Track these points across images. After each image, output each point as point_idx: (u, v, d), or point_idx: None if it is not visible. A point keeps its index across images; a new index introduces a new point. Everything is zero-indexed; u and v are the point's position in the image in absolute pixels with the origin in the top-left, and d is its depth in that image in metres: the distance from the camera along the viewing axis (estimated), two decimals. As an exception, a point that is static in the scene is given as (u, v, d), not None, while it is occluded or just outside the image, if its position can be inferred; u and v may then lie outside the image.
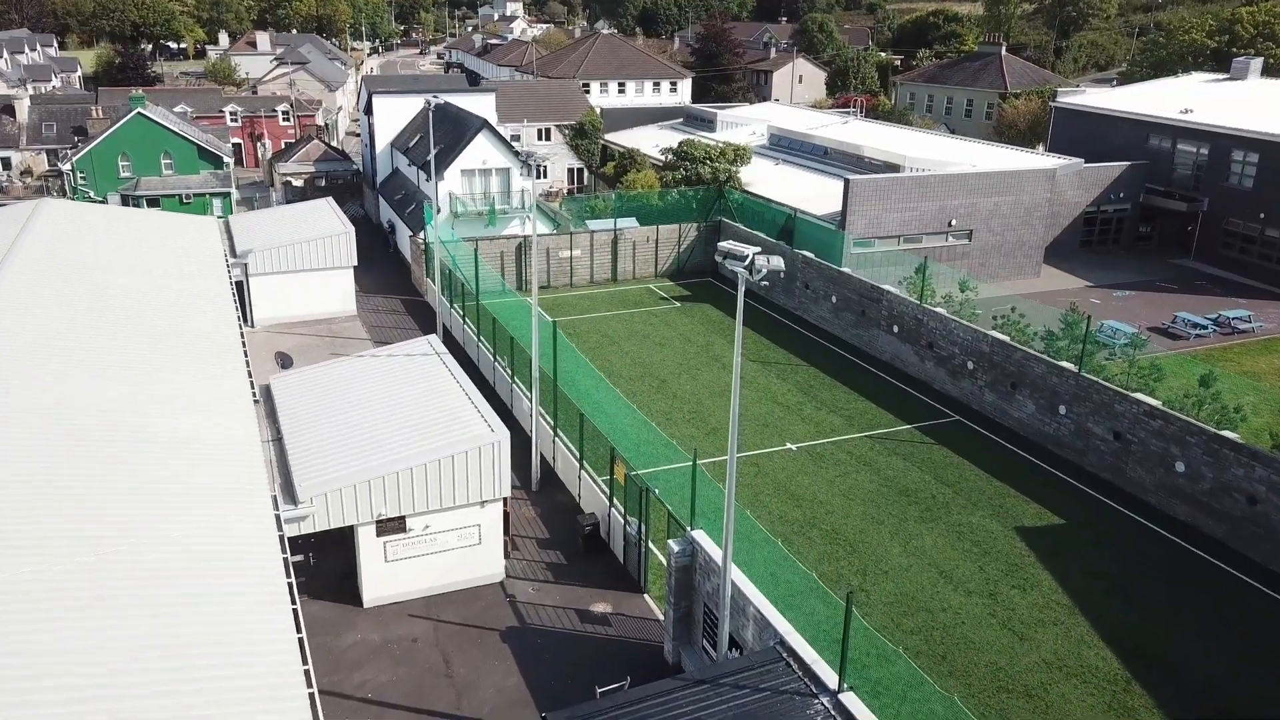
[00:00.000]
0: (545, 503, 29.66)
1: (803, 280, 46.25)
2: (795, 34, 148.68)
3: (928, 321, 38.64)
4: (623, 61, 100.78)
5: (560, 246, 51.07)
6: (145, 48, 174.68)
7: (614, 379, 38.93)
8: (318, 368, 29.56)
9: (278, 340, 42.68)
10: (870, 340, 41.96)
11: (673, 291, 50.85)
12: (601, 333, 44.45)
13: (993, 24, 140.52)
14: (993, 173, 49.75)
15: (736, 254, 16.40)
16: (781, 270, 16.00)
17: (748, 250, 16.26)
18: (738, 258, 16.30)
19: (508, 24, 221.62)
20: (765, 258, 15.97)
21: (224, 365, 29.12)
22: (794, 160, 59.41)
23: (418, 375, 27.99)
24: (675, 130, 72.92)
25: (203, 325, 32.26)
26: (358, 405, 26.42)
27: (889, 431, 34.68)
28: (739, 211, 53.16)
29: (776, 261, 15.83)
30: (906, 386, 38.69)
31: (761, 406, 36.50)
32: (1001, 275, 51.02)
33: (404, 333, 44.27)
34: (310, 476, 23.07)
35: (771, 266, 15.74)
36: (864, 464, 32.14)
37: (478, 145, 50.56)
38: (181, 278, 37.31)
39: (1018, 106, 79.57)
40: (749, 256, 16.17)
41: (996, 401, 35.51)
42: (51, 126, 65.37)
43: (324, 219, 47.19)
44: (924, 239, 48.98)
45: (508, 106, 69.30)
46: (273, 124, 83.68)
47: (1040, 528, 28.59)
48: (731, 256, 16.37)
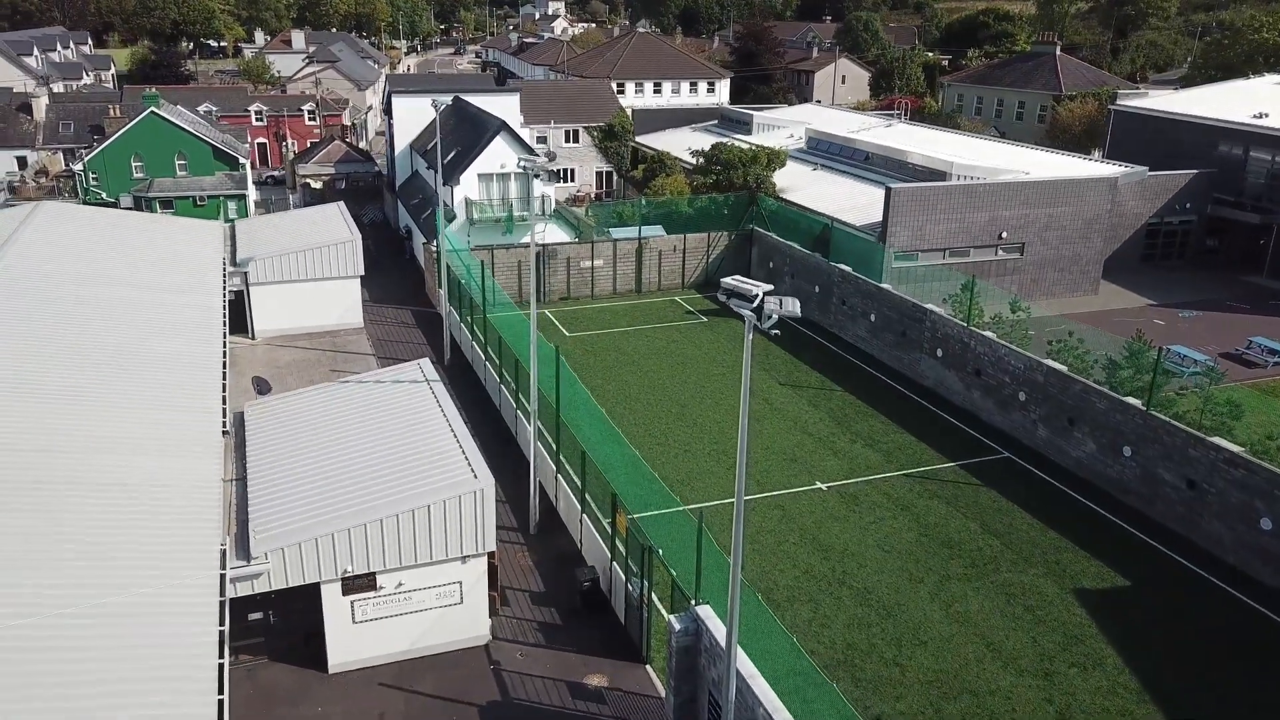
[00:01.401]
0: (543, 549, 26.75)
1: (839, 296, 42.93)
2: (839, 33, 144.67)
3: (975, 346, 35.19)
4: (659, 61, 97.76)
5: (581, 256, 48.20)
6: (186, 46, 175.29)
7: (630, 403, 35.96)
8: (296, 395, 26.92)
9: (277, 354, 40.28)
10: (911, 364, 38.57)
11: (699, 305, 47.75)
12: (620, 350, 41.48)
13: (1045, 23, 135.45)
14: (1048, 181, 46.02)
15: (742, 293, 13.33)
16: (796, 314, 12.90)
17: (755, 288, 13.18)
18: (744, 298, 13.23)
19: (549, 23, 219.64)
20: (777, 300, 12.88)
21: (196, 391, 26.58)
22: (833, 165, 56.02)
23: (403, 407, 25.23)
24: (709, 133, 69.79)
25: (181, 345, 29.79)
26: (332, 441, 23.70)
27: (930, 470, 31.31)
28: (772, 220, 49.92)
29: (791, 305, 12.75)
30: (950, 417, 35.28)
31: (790, 438, 33.31)
32: (1056, 292, 47.29)
33: (411, 348, 41.68)
34: (267, 527, 20.36)
35: (785, 311, 12.67)
36: (902, 508, 28.84)
37: (495, 148, 47.86)
38: (171, 290, 34.97)
39: (1073, 109, 75.34)
40: (757, 297, 13.10)
41: (1051, 438, 32.00)
42: (69, 125, 63.90)
43: (332, 225, 44.74)
44: (971, 253, 45.40)
45: (534, 107, 66.61)
46: (298, 123, 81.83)
47: (1102, 590, 25.12)
48: (736, 296, 13.31)
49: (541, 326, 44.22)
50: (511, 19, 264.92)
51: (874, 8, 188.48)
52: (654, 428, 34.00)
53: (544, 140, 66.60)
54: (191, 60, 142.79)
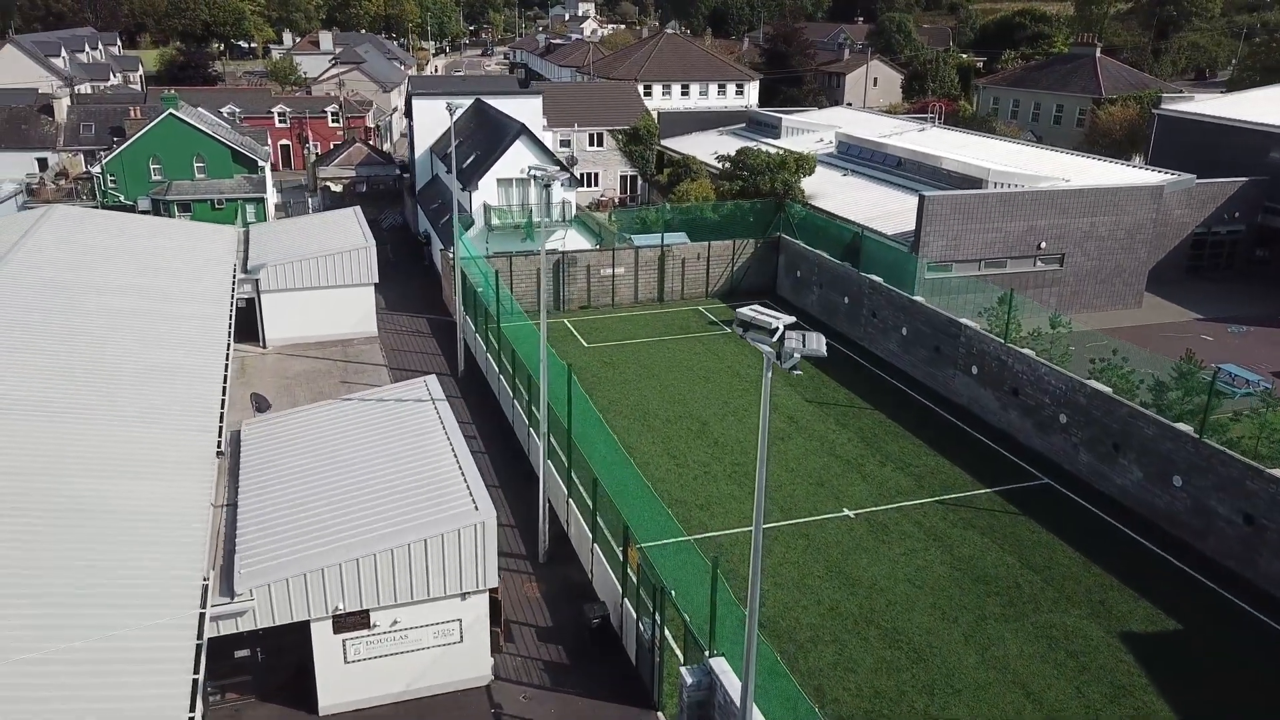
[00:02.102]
0: (552, 578, 25.32)
1: (869, 308, 41.19)
2: (871, 34, 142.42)
3: (1012, 364, 33.38)
4: (687, 62, 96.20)
5: (602, 263, 46.78)
6: (217, 47, 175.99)
7: (648, 419, 34.46)
8: (295, 414, 25.67)
9: (288, 364, 39.17)
10: (945, 381, 36.79)
11: (724, 315, 46.13)
12: (640, 362, 39.99)
13: (1083, 24, 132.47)
14: (1090, 189, 44.00)
15: (760, 326, 11.79)
16: (821, 353, 11.36)
17: (774, 320, 11.61)
18: (763, 331, 11.69)
19: (578, 24, 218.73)
20: (799, 335, 11.33)
21: (193, 408, 25.41)
22: (864, 171, 54.22)
23: (405, 428, 23.90)
24: (736, 136, 68.18)
25: (181, 357, 28.68)
26: (330, 464, 22.42)
27: (965, 496, 29.56)
28: (800, 227, 48.25)
29: (815, 342, 11.19)
30: (986, 439, 33.47)
31: (816, 460, 31.67)
32: (1097, 305, 45.26)
33: (424, 359, 40.46)
34: (253, 561, 19.07)
35: (809, 350, 11.12)
36: (935, 539, 27.13)
37: (515, 152, 46.52)
38: (176, 298, 33.93)
39: (1114, 113, 72.94)
40: (777, 329, 11.56)
41: (1094, 464, 30.14)
42: (90, 127, 63.42)
43: (347, 231, 43.63)
44: (1008, 264, 43.48)
45: (558, 110, 65.32)
46: (321, 125, 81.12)
47: (1152, 635, 23.31)
48: (754, 329, 11.78)
49: (560, 337, 43.00)
50: (541, 20, 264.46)
51: (907, 9, 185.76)
52: (673, 446, 32.49)
53: (567, 144, 65.31)
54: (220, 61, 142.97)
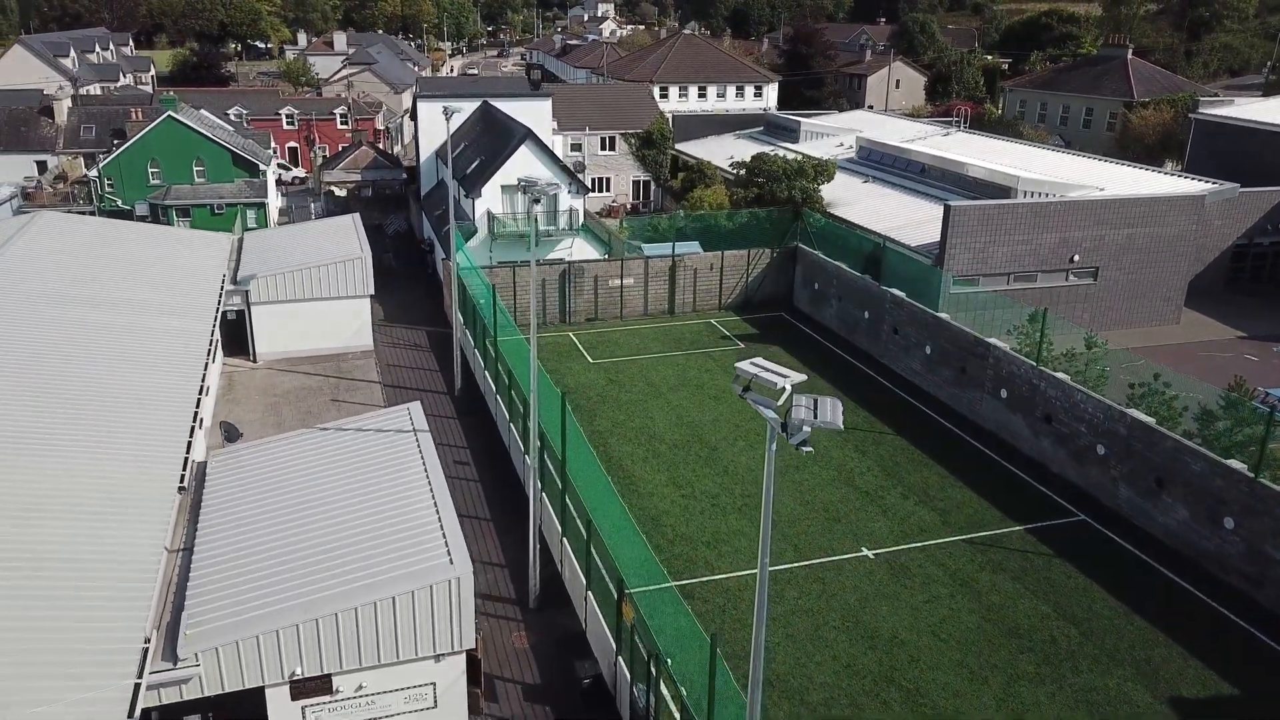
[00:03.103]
0: (542, 627, 23.27)
1: (890, 324, 38.92)
2: (893, 35, 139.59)
3: (1045, 389, 31.04)
4: (704, 64, 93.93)
5: (610, 274, 44.72)
6: (234, 47, 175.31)
7: (654, 444, 32.35)
8: (266, 445, 23.73)
9: (277, 380, 37.31)
10: (971, 404, 34.49)
11: (737, 328, 43.99)
12: (648, 380, 37.88)
13: (1112, 25, 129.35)
14: (1127, 199, 41.53)
15: (766, 382, 9.70)
16: (838, 425, 9.23)
17: (780, 379, 9.52)
18: (768, 393, 9.58)
19: (597, 25, 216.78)
20: (810, 402, 9.18)
21: (157, 436, 23.50)
22: (886, 178, 51.90)
23: (382, 464, 21.91)
24: (753, 140, 65.97)
25: (155, 378, 26.81)
26: (297, 505, 20.45)
27: (995, 535, 27.27)
28: (818, 237, 46.00)
29: (830, 412, 9.08)
30: (1016, 469, 31.15)
31: (833, 491, 29.45)
32: (1133, 321, 42.79)
33: (421, 375, 38.53)
34: (201, 621, 17.12)
35: (823, 422, 9.00)
36: (961, 584, 24.88)
37: (520, 158, 44.56)
38: (156, 311, 32.12)
39: (1146, 117, 70.19)
40: (783, 392, 9.43)
41: (1135, 499, 27.79)
42: (91, 129, 61.95)
43: (342, 239, 41.77)
44: (1039, 277, 41.09)
45: (569, 113, 63.33)
46: (329, 127, 79.50)
47: (1206, 700, 20.99)
48: (758, 390, 9.67)
49: (564, 352, 40.97)
50: (560, 21, 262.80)
51: (930, 9, 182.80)
52: (680, 474, 30.36)
53: (578, 148, 63.32)
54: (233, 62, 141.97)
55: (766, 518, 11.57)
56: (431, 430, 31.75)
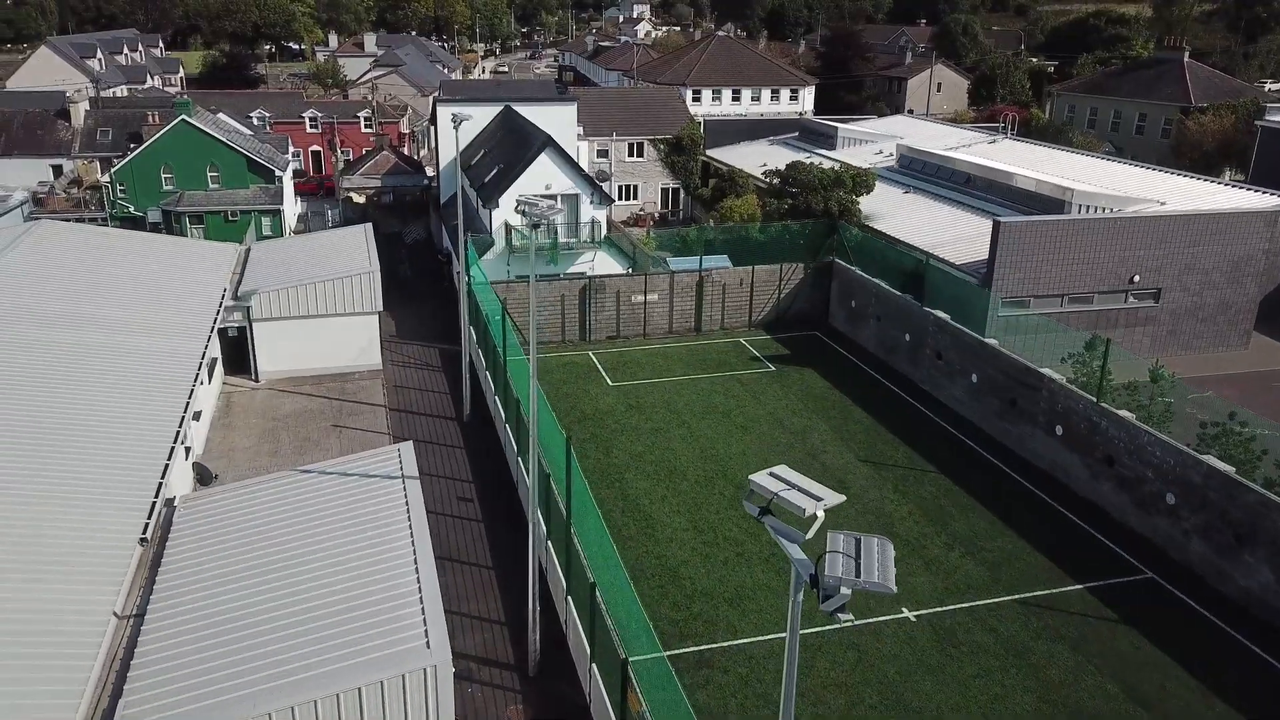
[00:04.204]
0: (543, 699, 20.84)
1: (933, 348, 36.11)
2: (934, 37, 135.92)
3: (1106, 427, 28.13)
4: (738, 66, 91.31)
5: (634, 289, 42.25)
6: (268, 49, 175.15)
7: (675, 480, 29.83)
8: (240, 490, 21.51)
9: (279, 402, 35.26)
10: (1021, 440, 31.61)
11: (768, 349, 41.35)
12: (671, 406, 35.37)
13: (1163, 26, 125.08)
14: (1193, 215, 38.39)
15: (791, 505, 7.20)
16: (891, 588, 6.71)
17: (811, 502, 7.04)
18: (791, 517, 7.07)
19: (633, 26, 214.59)
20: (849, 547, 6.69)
21: (125, 477, 21.39)
22: (928, 189, 48.99)
23: (364, 518, 19.62)
24: (787, 147, 63.24)
25: (132, 405, 24.77)
26: (263, 566, 18.21)
27: (1051, 594, 24.45)
28: (855, 251, 43.25)
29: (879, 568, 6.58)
30: (1073, 514, 28.25)
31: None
32: (1197, 346, 39.65)
33: (430, 398, 36.30)
34: (142, 710, 14.87)
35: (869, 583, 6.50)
36: (1015, 654, 22.13)
37: (540, 167, 42.27)
38: (146, 330, 30.16)
39: (1204, 123, 66.54)
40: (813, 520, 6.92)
41: (1210, 556, 24.85)
42: (107, 133, 60.62)
43: (352, 252, 39.73)
44: (1096, 299, 38.09)
45: (595, 118, 61.01)
46: (353, 131, 77.81)
47: (1303, 809, 18.13)
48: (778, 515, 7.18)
49: (582, 373, 38.56)
50: (595, 22, 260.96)
51: (972, 10, 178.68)
52: (701, 516, 27.81)
53: (605, 155, 60.99)
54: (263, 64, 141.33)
55: (789, 697, 9.04)
56: (435, 461, 29.55)
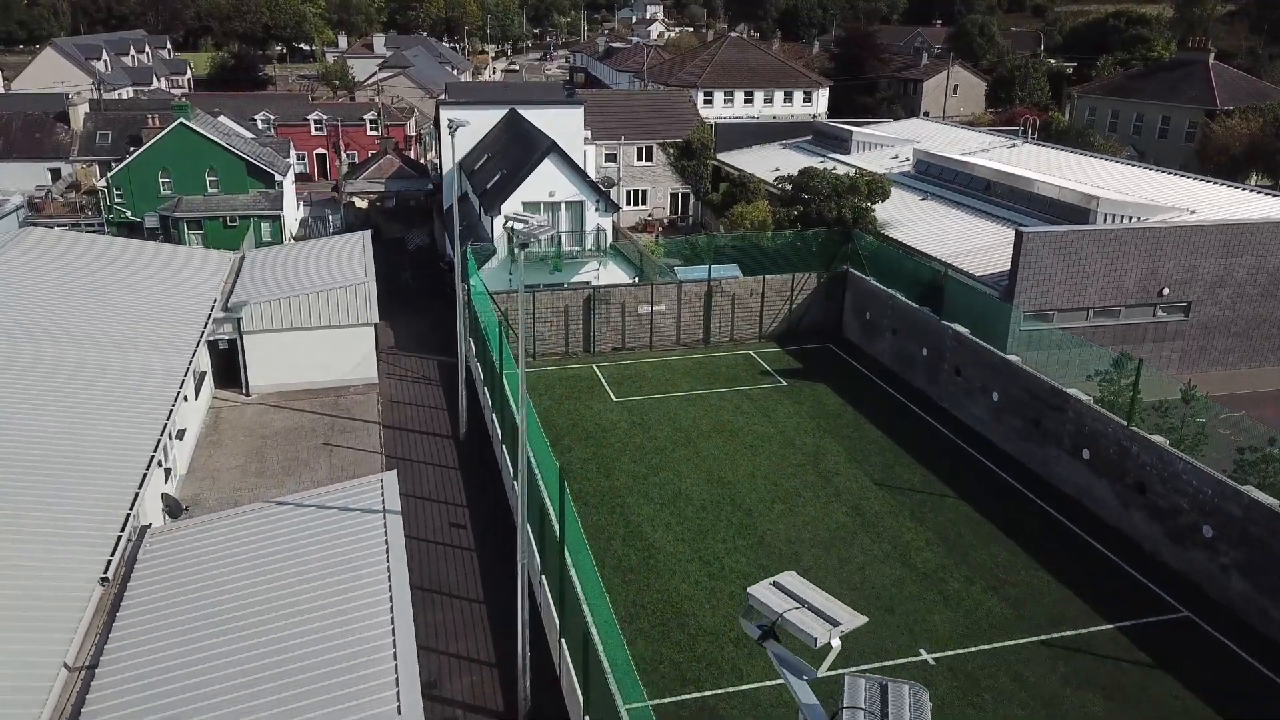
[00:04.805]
0: (533, 753, 19.41)
1: (952, 363, 34.51)
2: (950, 38, 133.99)
3: (1137, 452, 26.48)
4: (751, 68, 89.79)
5: (640, 300, 40.77)
6: (279, 50, 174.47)
7: (679, 505, 28.33)
8: (210, 525, 20.11)
9: (269, 418, 33.93)
10: (1046, 463, 29.97)
11: (779, 362, 39.81)
12: (676, 423, 33.87)
13: (1184, 26, 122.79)
14: (1225, 224, 36.64)
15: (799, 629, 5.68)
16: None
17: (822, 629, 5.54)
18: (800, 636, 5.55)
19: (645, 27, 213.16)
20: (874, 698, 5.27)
21: (89, 511, 20.03)
22: (946, 195, 47.36)
23: (340, 559, 18.20)
24: (800, 151, 61.66)
25: (104, 429, 23.44)
26: (229, 611, 16.82)
27: (1080, 635, 22.83)
28: (870, 261, 41.63)
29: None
30: (1102, 545, 26.60)
31: (886, 571, 25.20)
32: (1227, 362, 37.90)
33: (426, 414, 34.91)
34: (79, 783, 13.50)
35: None
36: (1044, 704, 20.53)
37: (543, 173, 40.88)
38: (127, 345, 28.87)
39: (1231, 126, 64.61)
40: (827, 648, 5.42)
41: (1252, 595, 23.19)
42: (107, 136, 59.55)
43: (348, 261, 38.43)
44: (1122, 313, 36.39)
45: (603, 121, 59.58)
46: (359, 134, 76.64)
47: None
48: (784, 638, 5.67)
49: (586, 387, 37.12)
50: (608, 23, 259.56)
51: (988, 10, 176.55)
52: (707, 546, 26.30)
53: (613, 159, 59.54)
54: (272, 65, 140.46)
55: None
56: (428, 483, 28.18)
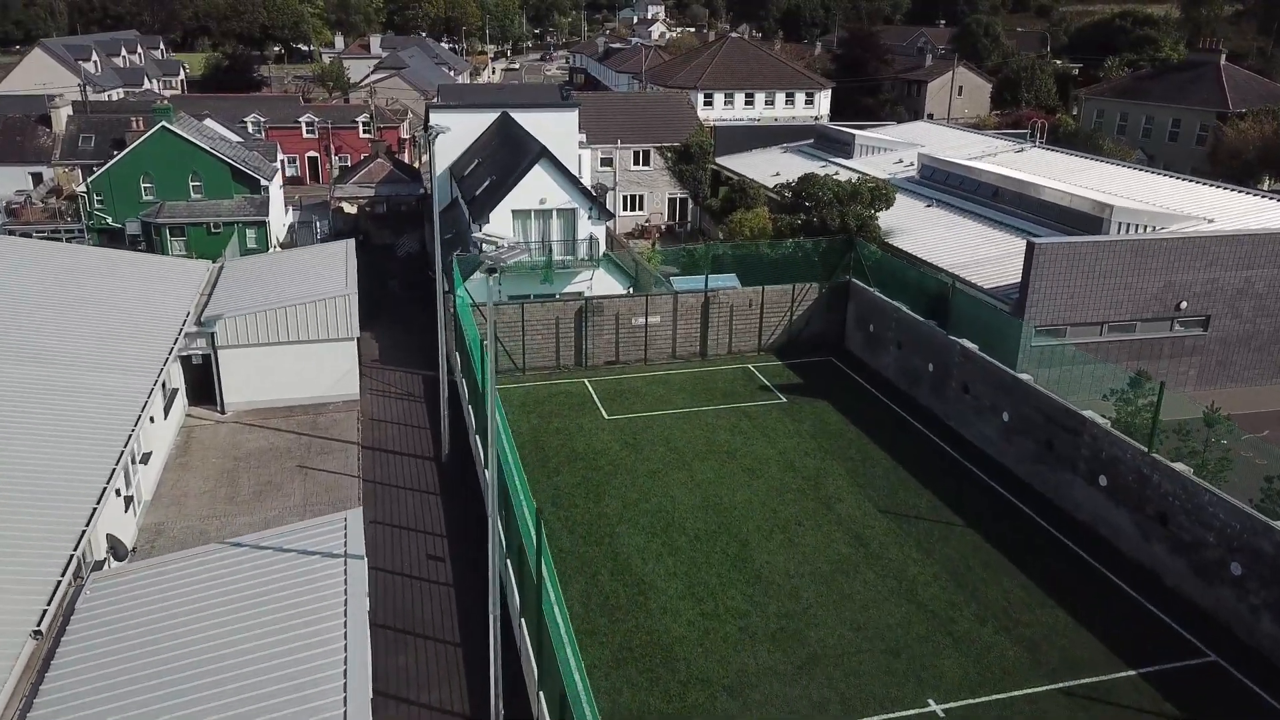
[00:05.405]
0: (507, 820, 17.81)
1: (959, 380, 32.90)
2: (954, 38, 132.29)
3: (1159, 481, 24.87)
4: (752, 69, 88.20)
5: (634, 311, 39.18)
6: (277, 50, 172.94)
7: (670, 535, 26.74)
8: (156, 571, 18.51)
9: (243, 438, 32.35)
10: (1060, 488, 28.36)
11: (779, 376, 38.21)
12: (670, 443, 32.27)
13: (1191, 27, 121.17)
14: (1247, 234, 34.99)
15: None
16: None
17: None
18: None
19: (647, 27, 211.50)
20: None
21: (22, 555, 18.44)
22: (951, 202, 45.75)
23: (294, 609, 16.64)
24: (802, 154, 60.07)
25: (50, 461, 21.87)
26: (167, 670, 15.29)
27: (1100, 682, 21.22)
28: (873, 271, 40.05)
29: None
30: (1121, 580, 24.99)
31: (892, 610, 23.58)
32: (1248, 378, 36.29)
33: (408, 434, 33.32)
34: None
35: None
36: (1061, 763, 18.95)
37: (533, 180, 39.27)
38: (90, 364, 27.31)
39: (1244, 129, 62.95)
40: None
41: (1284, 639, 21.61)
42: (90, 139, 58.01)
43: (329, 272, 36.87)
44: (1138, 327, 34.77)
45: (599, 124, 57.99)
46: (351, 136, 75.12)
47: None
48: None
49: (576, 404, 35.54)
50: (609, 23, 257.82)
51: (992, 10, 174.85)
52: (700, 580, 24.69)
53: (609, 163, 57.96)
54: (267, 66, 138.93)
55: None
56: (406, 510, 26.85)
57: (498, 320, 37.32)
